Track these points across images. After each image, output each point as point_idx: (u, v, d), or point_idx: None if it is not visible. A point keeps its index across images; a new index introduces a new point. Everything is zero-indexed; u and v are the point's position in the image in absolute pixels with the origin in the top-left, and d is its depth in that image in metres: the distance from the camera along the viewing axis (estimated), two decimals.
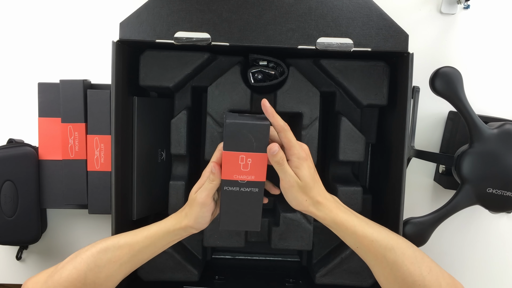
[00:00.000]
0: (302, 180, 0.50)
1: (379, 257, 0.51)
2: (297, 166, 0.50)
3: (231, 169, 0.50)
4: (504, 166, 0.59)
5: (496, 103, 0.73)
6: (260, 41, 0.56)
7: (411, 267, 0.49)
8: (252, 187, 0.51)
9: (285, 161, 0.49)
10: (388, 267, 0.50)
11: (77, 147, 0.66)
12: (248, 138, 0.49)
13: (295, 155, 0.50)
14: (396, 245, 0.50)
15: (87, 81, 0.67)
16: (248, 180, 0.50)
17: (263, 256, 0.74)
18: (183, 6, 0.56)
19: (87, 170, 0.66)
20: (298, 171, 0.50)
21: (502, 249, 0.75)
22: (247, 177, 0.50)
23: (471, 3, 0.70)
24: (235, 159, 0.49)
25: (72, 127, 0.66)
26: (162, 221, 0.55)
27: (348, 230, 0.51)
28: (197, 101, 0.68)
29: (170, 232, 0.54)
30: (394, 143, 0.61)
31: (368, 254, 0.52)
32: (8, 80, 0.73)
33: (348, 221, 0.51)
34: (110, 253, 0.52)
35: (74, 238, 0.75)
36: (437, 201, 0.74)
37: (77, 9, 0.72)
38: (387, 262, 0.50)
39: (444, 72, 0.60)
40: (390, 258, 0.50)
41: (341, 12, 0.56)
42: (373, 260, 0.52)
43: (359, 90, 0.61)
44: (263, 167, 0.50)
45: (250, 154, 0.49)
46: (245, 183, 0.50)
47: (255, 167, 0.50)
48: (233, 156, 0.49)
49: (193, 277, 0.63)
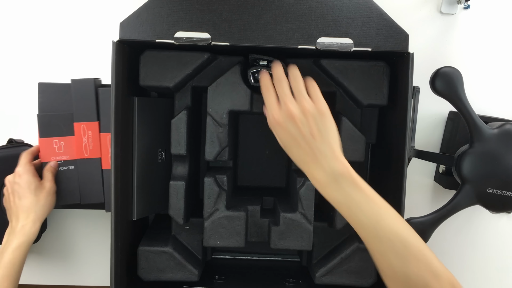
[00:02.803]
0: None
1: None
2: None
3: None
4: (504, 166, 0.59)
5: (496, 103, 0.73)
6: (260, 41, 0.56)
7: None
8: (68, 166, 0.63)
9: None
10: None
11: (91, 145, 0.66)
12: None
13: None
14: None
15: (97, 79, 0.67)
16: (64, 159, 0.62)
17: (263, 256, 0.74)
18: (183, 6, 0.56)
19: (102, 168, 0.67)
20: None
21: (502, 249, 0.75)
22: (63, 157, 0.62)
23: (471, 3, 0.70)
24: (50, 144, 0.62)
25: (85, 126, 0.66)
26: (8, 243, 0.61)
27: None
28: (197, 101, 0.68)
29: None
30: (394, 143, 0.61)
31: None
32: (8, 80, 0.73)
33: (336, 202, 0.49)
34: None
35: (74, 238, 0.75)
36: (437, 201, 0.74)
37: (77, 9, 0.72)
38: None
39: (444, 72, 0.60)
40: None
41: (341, 12, 0.56)
42: None
43: (359, 90, 0.61)
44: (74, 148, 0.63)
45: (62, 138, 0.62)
46: (62, 162, 0.61)
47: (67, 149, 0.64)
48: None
49: (193, 277, 0.62)
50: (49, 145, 0.66)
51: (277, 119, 0.50)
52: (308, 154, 0.50)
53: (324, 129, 0.50)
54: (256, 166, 0.73)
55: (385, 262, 0.47)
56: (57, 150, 0.66)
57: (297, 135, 0.50)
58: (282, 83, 0.52)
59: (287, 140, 0.51)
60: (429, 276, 0.45)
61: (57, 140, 0.66)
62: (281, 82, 0.52)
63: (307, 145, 0.49)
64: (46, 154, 0.66)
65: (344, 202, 0.48)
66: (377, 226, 0.47)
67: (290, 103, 0.50)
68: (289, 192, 0.68)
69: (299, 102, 0.50)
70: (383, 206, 0.48)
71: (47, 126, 0.66)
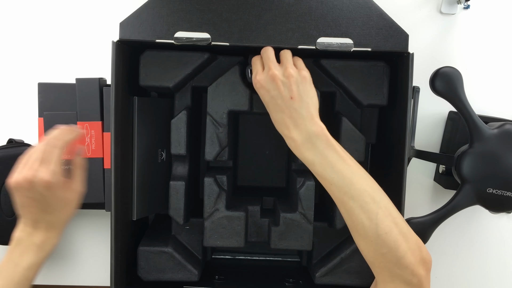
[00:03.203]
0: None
1: (338, 202, 0.51)
2: None
3: None
4: (504, 166, 0.59)
5: (496, 103, 0.73)
6: (260, 41, 0.56)
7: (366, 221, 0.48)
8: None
9: None
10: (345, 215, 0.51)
11: (94, 145, 0.66)
12: None
13: None
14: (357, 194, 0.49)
15: (102, 79, 0.67)
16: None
17: (263, 256, 0.74)
18: (183, 6, 0.56)
19: (104, 168, 0.67)
20: None
21: (502, 249, 0.75)
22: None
23: (471, 3, 0.70)
24: None
25: (89, 125, 0.66)
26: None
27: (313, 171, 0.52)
28: (197, 101, 0.68)
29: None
30: (394, 143, 0.61)
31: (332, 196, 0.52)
32: (8, 80, 0.73)
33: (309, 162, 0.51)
34: None
35: (74, 238, 0.75)
36: (437, 201, 0.74)
37: (77, 9, 0.72)
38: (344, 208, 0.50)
39: (444, 72, 0.60)
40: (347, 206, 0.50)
41: (341, 12, 0.56)
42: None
43: (359, 90, 0.61)
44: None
45: None
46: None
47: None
48: None
49: (193, 277, 0.63)
50: None
51: (259, 80, 0.53)
52: (286, 115, 0.52)
53: (304, 92, 0.52)
54: (256, 166, 0.73)
55: (357, 221, 0.49)
56: None
57: (277, 96, 0.52)
58: (267, 51, 0.54)
59: (267, 100, 0.53)
60: (398, 235, 0.48)
61: None
62: (267, 50, 0.55)
63: (285, 106, 0.52)
64: None
65: (318, 161, 0.50)
66: (350, 185, 0.49)
67: (273, 66, 0.53)
68: (289, 192, 0.68)
69: (284, 67, 0.53)
70: (355, 166, 0.51)
71: (52, 125, 0.66)
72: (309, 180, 0.61)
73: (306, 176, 0.62)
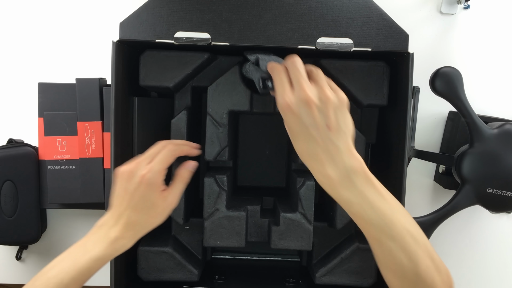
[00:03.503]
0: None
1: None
2: None
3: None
4: (504, 166, 0.59)
5: (496, 103, 0.73)
6: (260, 41, 0.56)
7: None
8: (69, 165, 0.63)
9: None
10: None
11: (94, 145, 0.66)
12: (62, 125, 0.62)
13: None
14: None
15: (103, 79, 0.67)
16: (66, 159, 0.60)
17: (263, 256, 0.74)
18: (183, 6, 0.56)
19: (104, 168, 0.67)
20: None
21: (502, 249, 0.75)
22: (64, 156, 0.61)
23: (471, 3, 0.71)
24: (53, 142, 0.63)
25: (89, 125, 0.66)
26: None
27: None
28: (197, 101, 0.68)
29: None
30: (394, 143, 0.61)
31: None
32: (8, 80, 0.73)
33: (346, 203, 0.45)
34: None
35: (74, 238, 0.75)
36: (437, 201, 0.74)
37: (77, 9, 0.72)
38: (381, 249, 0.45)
39: (444, 72, 0.60)
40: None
41: (341, 12, 0.56)
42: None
43: (359, 90, 0.61)
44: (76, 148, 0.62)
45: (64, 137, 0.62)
46: (64, 161, 0.57)
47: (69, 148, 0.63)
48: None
49: (193, 277, 0.62)
50: (52, 144, 0.66)
51: (289, 102, 0.44)
52: (320, 147, 0.44)
53: (343, 121, 0.45)
54: (256, 166, 0.73)
55: (395, 261, 0.44)
56: (59, 149, 0.67)
57: (310, 124, 0.44)
58: (297, 63, 0.45)
59: (296, 128, 0.45)
60: (435, 272, 0.44)
61: (60, 139, 0.67)
62: (297, 62, 0.45)
63: (320, 138, 0.44)
64: (48, 152, 0.67)
65: (356, 200, 0.44)
66: (390, 225, 0.44)
67: (307, 86, 0.44)
68: (289, 192, 0.68)
69: (320, 88, 0.44)
70: (393, 203, 0.46)
71: (52, 125, 0.66)
72: (309, 180, 0.61)
73: (306, 176, 0.62)
